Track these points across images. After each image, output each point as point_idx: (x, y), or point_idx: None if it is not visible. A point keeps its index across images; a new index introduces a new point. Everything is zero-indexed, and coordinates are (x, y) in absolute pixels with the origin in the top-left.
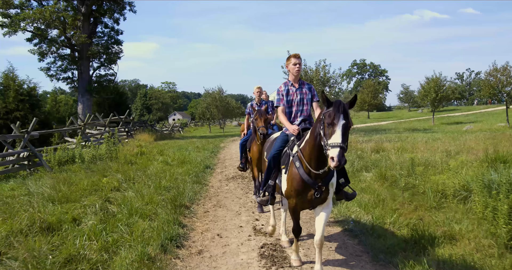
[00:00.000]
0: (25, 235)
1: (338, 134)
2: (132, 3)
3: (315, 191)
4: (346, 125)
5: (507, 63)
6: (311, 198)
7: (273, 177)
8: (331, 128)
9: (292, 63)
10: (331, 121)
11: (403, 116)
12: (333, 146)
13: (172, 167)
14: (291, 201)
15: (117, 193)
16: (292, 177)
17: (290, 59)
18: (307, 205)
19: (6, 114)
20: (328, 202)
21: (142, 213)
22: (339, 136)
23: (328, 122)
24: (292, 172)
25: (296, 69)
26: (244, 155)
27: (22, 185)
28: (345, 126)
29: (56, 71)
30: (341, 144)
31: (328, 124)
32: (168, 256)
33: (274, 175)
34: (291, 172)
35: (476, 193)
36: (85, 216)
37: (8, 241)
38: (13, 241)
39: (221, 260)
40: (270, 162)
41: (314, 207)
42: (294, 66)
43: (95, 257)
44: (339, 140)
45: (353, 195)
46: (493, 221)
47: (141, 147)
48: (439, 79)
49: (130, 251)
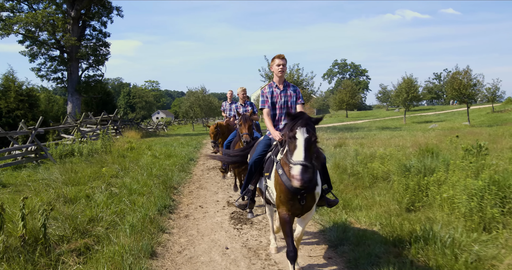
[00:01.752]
0: (53, 205)
1: (300, 149)
2: (119, 8)
3: (300, 199)
4: (309, 139)
5: (467, 67)
6: (300, 205)
7: (253, 182)
8: (293, 143)
9: (276, 64)
10: (293, 135)
11: (380, 115)
12: (295, 163)
13: (160, 160)
14: (281, 210)
15: (116, 179)
16: (278, 183)
17: (274, 60)
18: (297, 211)
19: (8, 113)
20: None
21: (139, 192)
22: (301, 152)
23: (290, 135)
24: (277, 179)
25: (279, 70)
26: None
27: (35, 173)
28: (308, 140)
29: (47, 72)
30: (303, 161)
31: (290, 137)
32: (163, 217)
33: (255, 180)
34: (276, 179)
35: (395, 174)
36: (95, 194)
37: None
38: (55, 204)
39: (202, 221)
40: (252, 167)
41: (302, 214)
42: (277, 67)
43: (110, 218)
44: (300, 158)
45: (335, 202)
46: (403, 193)
47: (130, 143)
48: (410, 80)
49: (135, 215)
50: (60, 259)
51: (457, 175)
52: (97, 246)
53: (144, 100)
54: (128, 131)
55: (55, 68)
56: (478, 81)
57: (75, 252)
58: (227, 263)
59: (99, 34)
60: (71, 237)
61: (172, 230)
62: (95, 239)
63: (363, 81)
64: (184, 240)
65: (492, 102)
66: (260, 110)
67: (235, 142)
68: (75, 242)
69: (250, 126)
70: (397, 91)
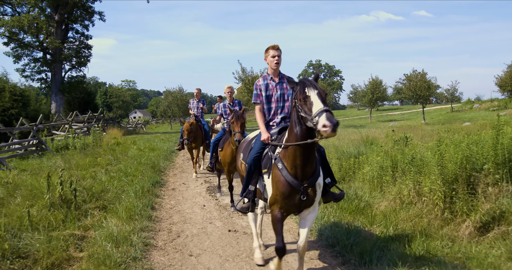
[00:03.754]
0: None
1: (317, 101)
2: (102, 13)
3: (301, 194)
4: (320, 93)
5: (422, 70)
6: (298, 202)
7: (253, 182)
8: (308, 101)
9: (271, 56)
10: (305, 95)
11: (350, 115)
12: (319, 113)
13: (145, 152)
14: (275, 208)
15: (111, 166)
16: (276, 180)
17: (268, 51)
18: (294, 209)
19: (3, 112)
20: (315, 204)
21: (133, 174)
22: (319, 102)
23: (302, 97)
24: (276, 174)
25: (275, 62)
26: (215, 154)
27: (41, 161)
28: (320, 94)
29: (31, 72)
30: (325, 107)
31: (303, 99)
32: (156, 189)
33: (255, 180)
34: (274, 175)
35: (333, 159)
36: (97, 176)
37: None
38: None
39: (186, 191)
40: (251, 166)
41: (300, 211)
42: (272, 58)
43: (115, 190)
44: (321, 106)
45: (341, 195)
46: (337, 171)
47: (116, 139)
48: (375, 81)
49: (135, 187)
50: (88, 211)
51: (375, 157)
52: (111, 205)
53: (121, 100)
54: (111, 129)
55: (39, 69)
56: (431, 84)
57: (97, 208)
58: (205, 213)
59: (82, 37)
60: (90, 200)
61: (163, 197)
62: (108, 202)
63: (337, 81)
64: (173, 202)
65: (451, 102)
66: (253, 104)
67: (224, 140)
68: (95, 203)
69: (243, 124)
70: (363, 92)
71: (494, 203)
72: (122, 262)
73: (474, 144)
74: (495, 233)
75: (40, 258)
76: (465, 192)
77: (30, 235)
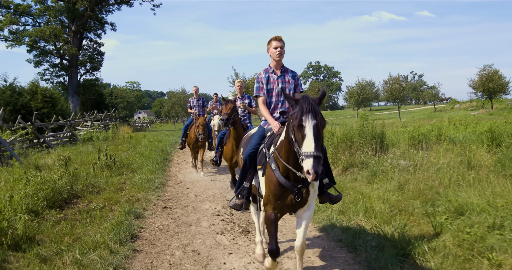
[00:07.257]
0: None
1: (309, 139)
2: (113, 24)
3: (295, 195)
4: (317, 125)
5: (398, 74)
6: (291, 202)
7: (248, 178)
8: (302, 132)
9: (273, 47)
10: (300, 123)
11: (344, 114)
12: (306, 156)
13: (154, 143)
14: (268, 208)
15: (130, 151)
16: (269, 180)
17: (270, 42)
18: (288, 209)
19: (37, 110)
20: (310, 203)
21: (148, 155)
22: (311, 142)
23: (296, 124)
24: (269, 174)
25: (277, 53)
26: (220, 148)
27: (77, 148)
28: (316, 127)
29: (51, 76)
30: (314, 152)
31: (297, 126)
32: (165, 163)
33: (250, 176)
34: (268, 175)
35: None
36: (122, 155)
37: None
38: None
39: (187, 165)
40: (246, 161)
41: (295, 211)
42: (275, 50)
43: (137, 163)
44: (311, 148)
45: (338, 197)
46: None
47: (129, 133)
48: (361, 84)
49: (150, 162)
50: (123, 172)
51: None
52: (138, 170)
53: (126, 100)
54: (122, 126)
55: (57, 74)
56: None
57: (128, 171)
58: (200, 179)
59: (95, 44)
60: (122, 167)
61: (171, 166)
62: (135, 168)
63: (336, 82)
64: (177, 168)
65: (434, 102)
66: (255, 97)
67: (227, 136)
68: (126, 169)
69: (232, 108)
70: (350, 93)
71: (349, 157)
72: (149, 188)
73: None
74: (350, 172)
75: (105, 188)
76: (343, 151)
77: (95, 180)
